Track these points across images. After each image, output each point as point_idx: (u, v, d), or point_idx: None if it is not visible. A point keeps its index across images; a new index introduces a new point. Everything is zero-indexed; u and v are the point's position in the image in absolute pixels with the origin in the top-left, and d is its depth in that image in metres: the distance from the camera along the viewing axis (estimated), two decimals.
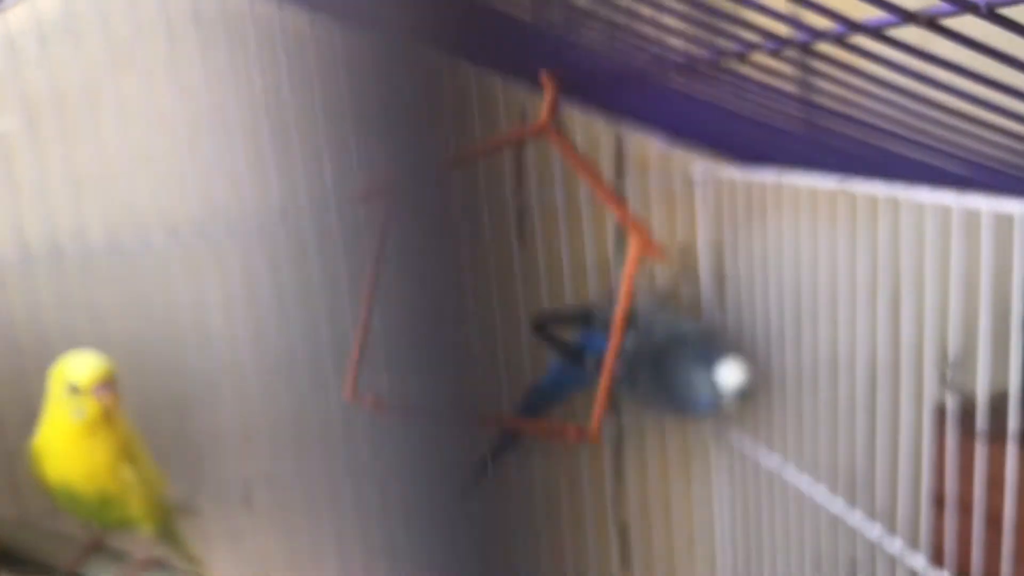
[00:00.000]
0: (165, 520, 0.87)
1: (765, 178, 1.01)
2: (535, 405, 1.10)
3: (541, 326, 1.07)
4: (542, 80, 0.96)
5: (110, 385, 0.80)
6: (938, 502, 0.81)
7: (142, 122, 1.00)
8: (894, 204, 0.82)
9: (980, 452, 0.72)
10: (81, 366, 0.80)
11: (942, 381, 0.80)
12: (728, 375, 1.00)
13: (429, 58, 0.22)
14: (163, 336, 1.02)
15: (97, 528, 0.87)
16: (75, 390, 0.80)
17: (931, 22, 0.40)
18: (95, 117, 1.00)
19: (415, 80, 0.22)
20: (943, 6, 0.39)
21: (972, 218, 0.72)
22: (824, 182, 0.90)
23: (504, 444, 1.10)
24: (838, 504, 0.96)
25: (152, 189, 1.01)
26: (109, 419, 0.81)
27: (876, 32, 0.44)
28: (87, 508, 0.83)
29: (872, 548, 0.92)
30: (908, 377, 0.83)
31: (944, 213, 0.75)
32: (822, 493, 0.99)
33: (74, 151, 1.00)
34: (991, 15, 0.37)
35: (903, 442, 0.85)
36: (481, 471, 0.26)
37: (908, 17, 0.41)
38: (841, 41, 0.48)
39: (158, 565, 0.87)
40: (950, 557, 0.78)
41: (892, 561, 0.88)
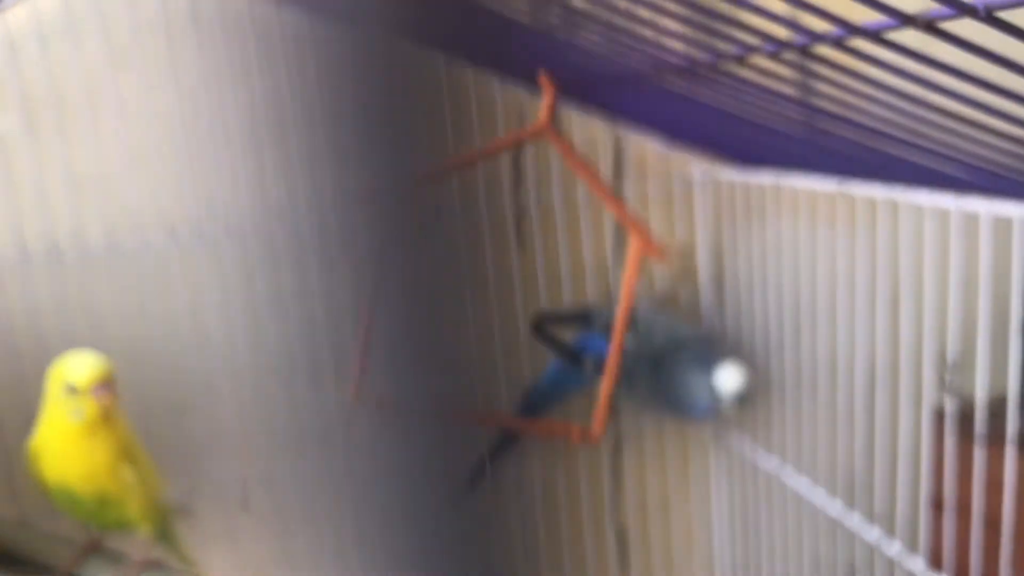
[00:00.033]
0: (163, 521, 0.87)
1: (764, 180, 1.01)
2: (534, 405, 1.10)
3: (540, 326, 1.07)
4: (541, 81, 0.96)
5: (109, 385, 0.80)
6: (937, 505, 0.81)
7: (141, 122, 1.00)
8: (893, 207, 0.82)
9: (979, 455, 0.72)
10: (80, 366, 0.80)
11: (941, 384, 0.80)
12: (727, 380, 1.00)
13: (428, 59, 0.22)
14: (161, 337, 1.02)
15: (95, 529, 0.87)
16: (73, 390, 0.80)
17: (929, 25, 0.40)
18: (94, 117, 1.00)
19: (414, 81, 0.22)
20: (942, 9, 0.39)
21: (971, 221, 0.72)
22: (823, 185, 0.90)
23: (502, 445, 1.09)
24: (837, 507, 0.96)
25: (151, 190, 1.01)
26: (107, 420, 0.81)
27: (875, 35, 0.44)
28: (85, 509, 0.83)
29: (871, 551, 0.92)
30: (907, 380, 0.83)
31: (943, 216, 0.75)
32: (821, 495, 0.99)
33: (73, 151, 1.00)
34: (989, 18, 0.37)
35: (902, 445, 0.85)
36: (479, 473, 0.26)
37: (907, 20, 0.41)
38: (840, 44, 0.48)
39: (156, 566, 0.87)
40: (948, 560, 0.78)
41: (891, 564, 0.88)
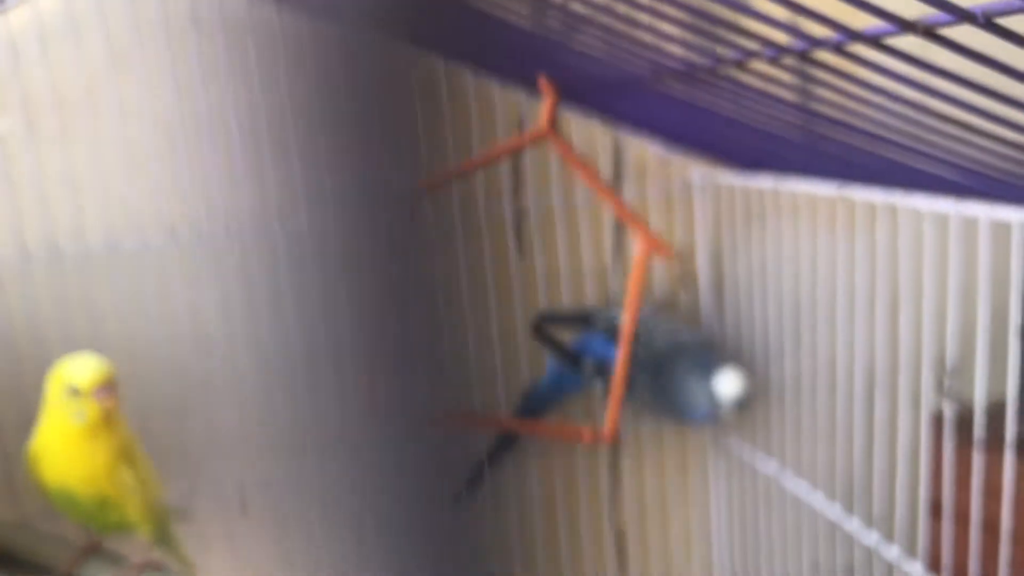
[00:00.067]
0: (161, 524, 0.87)
1: (763, 185, 1.01)
2: (532, 407, 1.10)
3: (539, 327, 1.06)
4: (541, 85, 0.96)
5: (110, 388, 0.80)
6: (935, 510, 0.81)
7: (141, 124, 1.00)
8: (892, 211, 0.82)
9: (977, 460, 0.72)
10: (82, 369, 0.80)
11: (939, 389, 0.80)
12: (726, 385, 1.00)
13: (428, 62, 0.22)
14: (161, 338, 1.02)
15: (94, 531, 0.87)
16: (76, 392, 0.80)
17: (929, 31, 0.40)
18: (94, 118, 1.00)
19: (413, 84, 0.22)
20: (941, 15, 0.39)
21: (970, 226, 0.72)
22: (823, 189, 0.90)
23: (500, 447, 1.09)
24: (835, 510, 0.96)
25: (151, 190, 1.01)
26: (108, 422, 0.81)
27: (874, 41, 0.44)
28: (84, 511, 0.83)
29: (869, 555, 0.92)
30: (906, 384, 0.83)
31: (942, 221, 0.75)
32: (819, 499, 0.99)
33: (73, 152, 1.00)
34: (988, 25, 0.38)
35: (900, 449, 0.85)
36: (478, 475, 0.26)
37: (906, 26, 0.41)
38: (840, 49, 0.48)
39: (155, 568, 0.87)
40: (947, 565, 0.78)
41: (889, 568, 0.88)
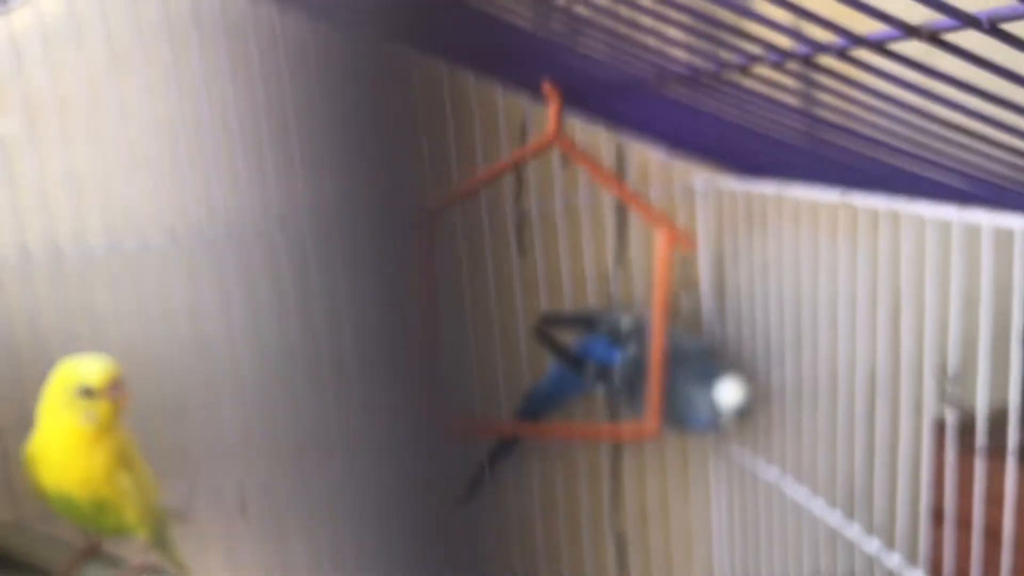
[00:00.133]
0: (159, 527, 0.87)
1: (766, 190, 1.01)
2: (533, 409, 1.09)
3: (542, 330, 1.06)
4: (545, 90, 0.96)
5: (121, 386, 0.80)
6: (937, 517, 0.81)
7: (142, 125, 1.00)
8: (895, 218, 0.82)
9: (979, 467, 0.72)
10: (93, 368, 0.79)
11: (941, 395, 0.80)
12: (727, 394, 1.00)
13: (430, 66, 0.22)
14: (161, 338, 1.02)
15: (92, 533, 0.87)
16: (88, 392, 0.79)
17: (933, 36, 0.40)
18: (96, 119, 1.00)
19: (416, 87, 0.22)
20: (945, 20, 0.39)
21: (972, 232, 0.72)
22: (825, 195, 0.90)
23: (501, 450, 1.09)
24: (836, 517, 0.96)
25: (151, 191, 1.01)
26: (110, 423, 0.81)
27: (878, 46, 0.44)
28: (82, 514, 0.83)
29: (870, 562, 0.91)
30: (907, 391, 0.83)
31: (944, 227, 0.75)
32: (820, 506, 0.98)
33: (74, 153, 1.00)
34: (993, 30, 0.37)
35: (902, 456, 0.84)
36: (479, 478, 0.26)
37: (910, 31, 0.41)
38: (843, 54, 0.48)
39: (152, 571, 0.87)
40: (948, 572, 0.77)
41: None
